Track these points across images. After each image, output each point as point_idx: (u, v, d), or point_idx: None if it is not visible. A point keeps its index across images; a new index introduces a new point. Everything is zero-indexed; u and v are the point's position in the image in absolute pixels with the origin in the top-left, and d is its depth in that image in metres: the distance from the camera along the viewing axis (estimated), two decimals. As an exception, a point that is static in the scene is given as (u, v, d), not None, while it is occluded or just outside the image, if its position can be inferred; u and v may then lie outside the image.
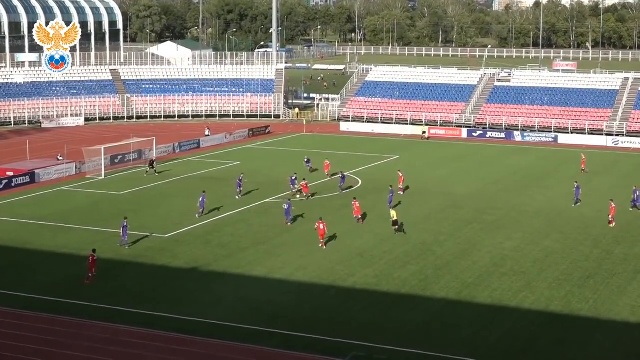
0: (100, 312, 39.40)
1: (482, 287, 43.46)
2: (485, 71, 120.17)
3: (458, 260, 48.30)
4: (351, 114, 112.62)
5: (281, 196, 64.58)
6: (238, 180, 64.89)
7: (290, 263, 47.58)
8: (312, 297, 42.04)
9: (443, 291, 42.88)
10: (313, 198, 64.42)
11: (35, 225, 56.07)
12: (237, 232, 54.16)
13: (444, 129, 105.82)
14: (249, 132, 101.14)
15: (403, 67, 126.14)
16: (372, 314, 39.79)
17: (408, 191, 67.60)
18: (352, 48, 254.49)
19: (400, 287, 43.46)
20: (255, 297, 41.87)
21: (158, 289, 43.07)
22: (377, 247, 51.10)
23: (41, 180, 71.11)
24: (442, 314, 40.00)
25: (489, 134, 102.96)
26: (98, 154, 74.63)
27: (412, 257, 48.86)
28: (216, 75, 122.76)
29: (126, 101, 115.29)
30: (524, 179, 74.80)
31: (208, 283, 44.11)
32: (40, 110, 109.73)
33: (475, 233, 54.86)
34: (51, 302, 40.80)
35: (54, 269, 46.44)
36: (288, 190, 66.02)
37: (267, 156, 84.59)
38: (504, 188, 70.40)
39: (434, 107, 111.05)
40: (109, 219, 57.49)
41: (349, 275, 45.47)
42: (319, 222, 50.76)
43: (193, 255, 49.11)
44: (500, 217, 59.54)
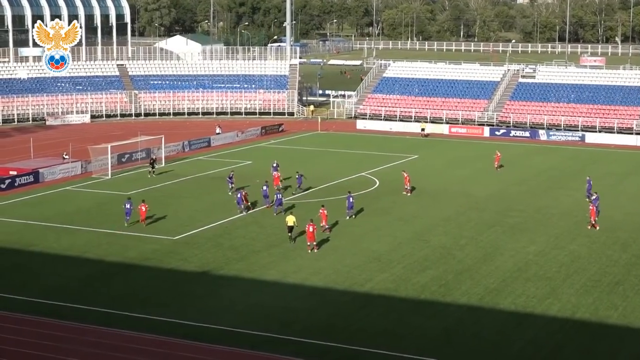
0: (105, 317, 39.44)
1: (505, 293, 43.29)
2: (508, 67, 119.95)
3: (480, 265, 48.14)
4: (368, 111, 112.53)
5: (294, 197, 64.55)
6: (228, 178, 65.02)
7: (305, 267, 47.54)
8: (327, 303, 41.97)
9: (464, 297, 42.74)
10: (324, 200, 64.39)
11: (39, 227, 56.23)
12: (249, 235, 54.17)
13: (465, 127, 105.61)
14: (261, 130, 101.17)
15: (422, 63, 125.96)
16: (390, 320, 39.68)
17: (427, 192, 67.47)
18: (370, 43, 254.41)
19: (420, 293, 43.35)
20: (268, 303, 41.84)
21: (166, 294, 43.11)
22: (395, 250, 51.00)
23: (45, 179, 71.34)
24: (463, 321, 39.83)
25: (513, 133, 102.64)
26: (104, 153, 74.78)
27: (432, 262, 48.74)
28: (227, 70, 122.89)
29: (134, 98, 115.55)
30: (549, 180, 74.52)
31: (219, 287, 44.11)
32: (44, 107, 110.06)
33: (498, 236, 54.68)
34: (54, 306, 40.88)
35: (58, 272, 46.54)
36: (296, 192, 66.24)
37: (280, 155, 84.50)
38: (528, 189, 70.15)
39: (455, 104, 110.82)
40: (116, 220, 57.58)
41: (366, 280, 45.40)
42: (309, 224, 50.62)
43: (203, 258, 49.13)
44: (523, 219, 59.32)
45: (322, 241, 52.15)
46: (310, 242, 50.33)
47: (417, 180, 69.76)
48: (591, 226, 56.31)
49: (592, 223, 56.42)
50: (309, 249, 50.29)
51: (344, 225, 56.62)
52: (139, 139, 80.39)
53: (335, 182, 71.57)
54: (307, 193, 66.38)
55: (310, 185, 69.19)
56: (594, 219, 56.35)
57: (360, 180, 72.38)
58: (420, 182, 70.28)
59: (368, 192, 67.85)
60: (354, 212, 58.72)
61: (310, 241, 50.33)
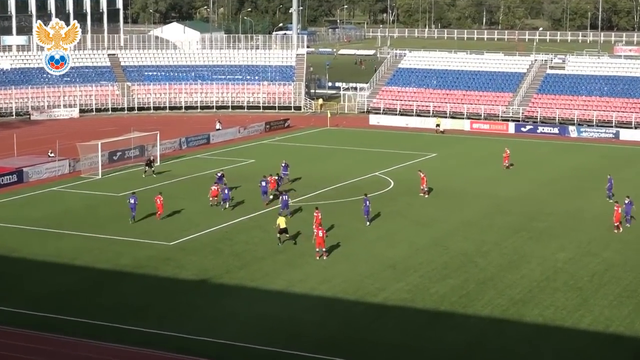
0: (96, 330, 39.51)
1: (532, 305, 43.26)
2: (535, 57, 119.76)
3: (504, 274, 48.12)
4: (382, 105, 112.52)
5: (302, 199, 64.60)
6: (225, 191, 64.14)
7: (313, 275, 47.58)
8: (337, 314, 42.00)
9: (487, 309, 42.73)
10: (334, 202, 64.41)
11: (23, 231, 56.36)
12: (252, 240, 54.24)
13: (488, 122, 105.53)
14: (265, 125, 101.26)
15: (441, 52, 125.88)
16: (405, 334, 39.69)
17: (446, 194, 67.46)
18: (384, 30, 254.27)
19: (438, 304, 43.35)
20: (273, 314, 41.90)
21: (162, 304, 43.18)
22: (411, 257, 51.01)
23: (30, 179, 71.51)
24: (486, 334, 39.84)
25: (540, 129, 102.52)
26: (94, 150, 74.91)
27: (452, 270, 48.73)
28: (228, 61, 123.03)
29: (126, 90, 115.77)
30: (580, 181, 74.42)
31: (219, 297, 44.18)
32: (29, 100, 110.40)
33: (524, 242, 54.64)
34: (40, 317, 40.97)
35: (44, 280, 46.64)
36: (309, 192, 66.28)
37: (286, 154, 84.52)
38: (557, 191, 70.08)
39: (477, 98, 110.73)
40: (107, 223, 57.70)
41: (380, 289, 45.42)
42: (318, 228, 50.61)
43: (202, 265, 49.20)
44: (552, 224, 59.27)
45: (332, 247, 52.18)
46: (319, 248, 50.37)
47: (435, 181, 69.73)
48: (617, 229, 56.30)
49: (617, 226, 56.41)
50: (317, 255, 50.33)
51: (356, 230, 56.63)
52: (132, 136, 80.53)
53: (345, 182, 71.58)
54: (314, 195, 66.36)
55: (318, 186, 69.25)
56: (619, 220, 56.34)
57: (374, 181, 72.38)
58: (439, 183, 70.24)
59: (382, 193, 67.84)
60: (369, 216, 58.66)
61: (320, 247, 50.37)
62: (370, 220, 58.38)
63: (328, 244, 51.52)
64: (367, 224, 57.92)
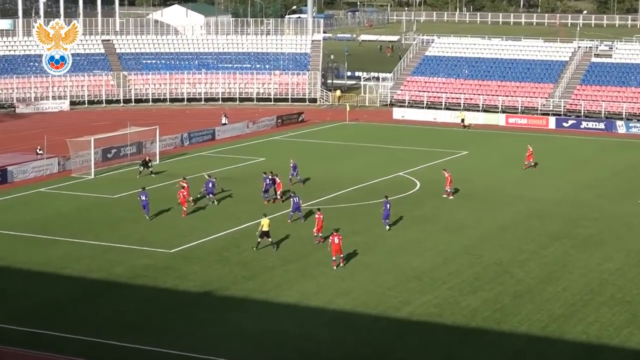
0: (88, 347, 39.60)
1: (575, 320, 43.19)
2: (579, 44, 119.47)
3: (543, 286, 48.05)
4: (407, 97, 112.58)
5: (317, 202, 64.62)
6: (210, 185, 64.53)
7: (329, 287, 47.61)
8: (356, 331, 42.01)
9: (524, 325, 42.68)
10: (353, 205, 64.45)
11: (7, 237, 56.56)
12: (262, 247, 54.27)
13: (526, 117, 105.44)
14: (277, 120, 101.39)
15: (474, 39, 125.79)
16: (433, 352, 39.69)
17: (479, 196, 67.43)
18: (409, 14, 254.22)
19: (469, 320, 43.33)
20: (284, 330, 41.94)
21: (161, 319, 43.27)
22: (439, 267, 50.99)
23: (15, 179, 71.75)
24: (524, 353, 39.80)
25: (584, 124, 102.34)
26: (86, 147, 75.11)
27: (485, 281, 48.70)
28: (236, 47, 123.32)
29: (122, 80, 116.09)
30: (629, 182, 74.28)
31: (224, 311, 44.26)
32: (13, 91, 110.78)
33: (566, 251, 54.56)
34: (25, 333, 41.06)
35: (30, 292, 46.75)
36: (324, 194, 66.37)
37: (300, 151, 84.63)
38: (603, 193, 69.95)
39: (514, 89, 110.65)
40: (100, 229, 57.86)
41: (404, 303, 45.42)
42: (334, 234, 50.68)
43: (206, 275, 49.29)
44: (598, 230, 59.17)
45: (350, 256, 52.21)
46: (336, 256, 50.40)
47: (466, 182, 69.71)
48: None
49: None
50: (334, 264, 50.37)
51: (377, 237, 56.64)
52: (129, 131, 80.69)
53: (366, 184, 71.61)
54: (331, 197, 66.37)
55: (335, 187, 69.29)
56: None
57: (397, 182, 72.39)
58: (470, 184, 70.22)
59: (406, 196, 67.83)
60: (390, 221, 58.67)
61: (336, 255, 50.40)
62: (390, 225, 58.37)
63: (345, 252, 51.54)
64: (387, 228, 57.94)
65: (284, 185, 66.43)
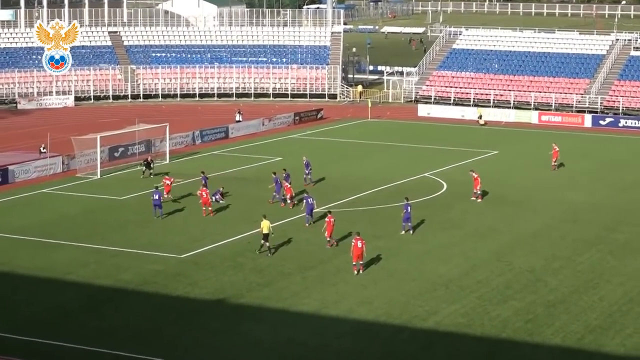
0: (93, 357, 39.70)
1: (612, 332, 43.07)
2: (617, 36, 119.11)
3: (579, 295, 47.94)
4: (433, 93, 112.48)
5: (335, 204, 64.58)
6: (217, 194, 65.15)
7: (350, 295, 47.59)
8: (378, 342, 41.99)
9: (558, 336, 42.58)
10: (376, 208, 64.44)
11: (8, 240, 56.73)
12: (278, 253, 54.32)
13: (560, 114, 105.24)
14: (294, 117, 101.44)
15: (504, 31, 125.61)
16: (460, 366, 39.69)
17: (510, 199, 67.34)
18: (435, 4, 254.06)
19: (500, 330, 43.25)
20: (302, 341, 41.95)
21: (171, 328, 43.32)
22: (468, 275, 50.92)
23: (17, 179, 71.95)
24: (557, 367, 39.79)
25: (622, 122, 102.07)
26: (92, 146, 75.28)
27: (516, 290, 48.60)
28: (251, 40, 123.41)
29: (130, 74, 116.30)
30: (671, 185, 74.12)
31: (238, 321, 44.28)
32: (15, 86, 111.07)
33: (603, 257, 54.42)
34: (27, 342, 41.18)
35: (33, 299, 46.90)
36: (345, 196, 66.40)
37: (319, 150, 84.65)
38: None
39: (547, 84, 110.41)
40: (107, 232, 57.98)
41: (430, 312, 45.38)
42: (356, 237, 50.63)
43: (218, 282, 49.34)
44: (636, 236, 58.99)
45: (372, 261, 52.17)
46: (357, 261, 50.39)
47: (496, 184, 69.60)
48: None
49: None
50: (355, 269, 50.36)
51: (401, 242, 56.60)
52: (137, 128, 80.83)
53: (389, 185, 71.58)
54: (352, 199, 66.36)
55: (356, 189, 69.27)
56: None
57: (422, 183, 72.36)
58: (500, 187, 70.11)
59: (432, 198, 67.79)
60: (412, 225, 58.61)
61: (357, 260, 50.37)
62: (414, 228, 58.33)
63: (367, 258, 51.52)
64: (410, 232, 57.98)
65: (298, 186, 66.40)
